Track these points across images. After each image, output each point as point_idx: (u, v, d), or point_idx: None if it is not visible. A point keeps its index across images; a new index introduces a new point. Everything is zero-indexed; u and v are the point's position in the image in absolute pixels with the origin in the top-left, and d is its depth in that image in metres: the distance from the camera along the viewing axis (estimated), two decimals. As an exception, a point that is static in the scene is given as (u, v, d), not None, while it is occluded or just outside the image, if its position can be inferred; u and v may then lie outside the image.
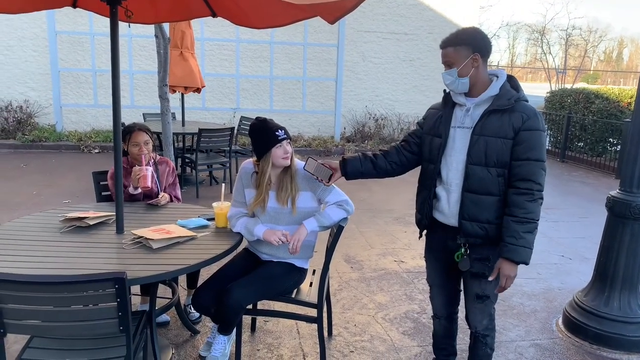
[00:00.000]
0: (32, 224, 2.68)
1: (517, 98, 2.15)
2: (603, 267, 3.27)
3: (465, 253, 2.27)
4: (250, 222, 2.63)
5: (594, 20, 71.00)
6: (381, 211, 6.11)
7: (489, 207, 2.18)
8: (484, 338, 2.44)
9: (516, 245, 2.12)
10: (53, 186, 6.56)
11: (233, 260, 2.79)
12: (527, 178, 2.11)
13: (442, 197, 2.30)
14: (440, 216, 2.34)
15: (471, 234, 2.23)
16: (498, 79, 2.21)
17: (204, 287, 2.59)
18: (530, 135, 2.10)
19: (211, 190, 6.71)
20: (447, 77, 2.20)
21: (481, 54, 2.15)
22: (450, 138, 2.26)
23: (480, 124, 2.16)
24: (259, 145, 2.56)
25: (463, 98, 2.24)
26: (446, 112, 2.30)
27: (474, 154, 2.16)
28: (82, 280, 1.82)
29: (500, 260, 2.18)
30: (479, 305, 2.37)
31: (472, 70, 2.16)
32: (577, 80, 32.75)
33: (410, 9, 11.24)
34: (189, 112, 9.77)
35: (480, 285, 2.32)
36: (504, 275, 2.17)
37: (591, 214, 6.37)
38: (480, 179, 2.17)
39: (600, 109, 9.77)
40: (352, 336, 3.19)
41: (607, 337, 3.15)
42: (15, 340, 2.90)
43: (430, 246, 2.50)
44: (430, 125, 2.37)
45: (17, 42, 9.87)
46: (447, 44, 2.20)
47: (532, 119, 2.11)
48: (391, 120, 11.37)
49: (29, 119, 9.76)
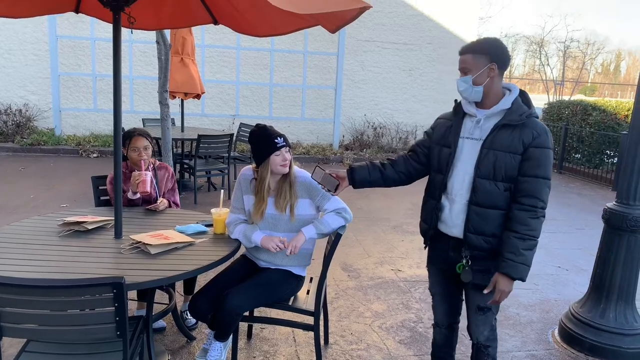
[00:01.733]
0: (30, 228, 2.68)
1: (529, 114, 2.14)
2: (599, 278, 3.28)
3: (467, 265, 2.27)
4: (248, 229, 2.63)
5: (592, 32, 71.46)
6: (379, 219, 6.12)
7: (494, 221, 2.18)
8: (485, 349, 2.44)
9: (515, 261, 2.12)
10: (51, 190, 6.56)
11: (231, 266, 2.79)
12: (532, 195, 2.11)
13: (445, 207, 2.30)
14: (442, 226, 2.33)
15: (476, 247, 2.22)
16: (511, 93, 2.20)
17: (201, 294, 2.59)
18: (539, 152, 2.11)
19: (209, 197, 6.71)
20: (461, 84, 2.19)
21: (499, 65, 2.15)
22: (458, 148, 2.25)
23: (490, 137, 2.15)
24: (258, 152, 2.58)
25: (474, 108, 2.23)
26: (456, 122, 2.29)
27: (482, 167, 2.16)
28: (80, 285, 1.82)
29: (497, 274, 2.17)
30: (481, 316, 2.37)
31: (487, 80, 2.15)
32: (575, 92, 32.94)
33: (410, 19, 11.32)
34: (188, 118, 9.80)
35: (482, 297, 2.31)
36: (499, 290, 2.17)
37: (588, 225, 6.39)
38: (488, 193, 2.16)
39: (598, 121, 9.83)
40: (348, 345, 3.19)
41: (603, 349, 3.15)
42: (11, 344, 2.89)
43: (433, 256, 2.49)
44: (439, 135, 2.35)
45: (18, 45, 9.89)
46: (467, 50, 2.19)
47: (542, 136, 2.11)
48: (390, 129, 11.41)
49: (28, 123, 9.77)
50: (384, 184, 2.49)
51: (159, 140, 6.03)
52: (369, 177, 2.47)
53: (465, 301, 2.44)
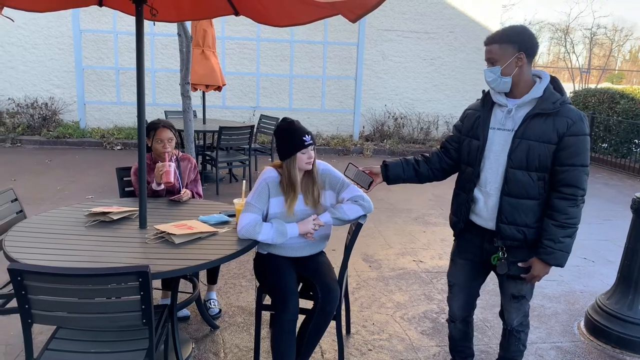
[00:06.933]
0: (58, 218, 2.74)
1: (562, 101, 2.09)
2: (627, 269, 3.21)
3: (503, 257, 2.25)
4: (278, 225, 2.49)
5: (620, 19, 69.39)
6: (400, 211, 6.09)
7: (528, 211, 2.15)
8: (518, 334, 2.44)
9: (553, 249, 2.11)
10: (77, 182, 6.69)
11: (276, 272, 2.60)
12: (572, 184, 2.07)
13: (480, 200, 2.27)
14: (477, 219, 2.31)
15: (509, 237, 2.20)
16: (542, 81, 2.14)
17: (291, 301, 2.47)
18: (575, 140, 2.05)
19: (231, 188, 6.77)
20: (489, 75, 2.14)
21: (527, 53, 2.09)
22: (489, 140, 2.21)
23: (522, 127, 2.11)
24: (284, 148, 2.52)
25: (504, 98, 2.18)
26: (484, 113, 2.25)
27: (515, 157, 2.12)
28: (107, 273, 1.86)
29: (534, 259, 2.16)
30: (515, 304, 2.36)
31: (515, 70, 2.10)
32: (602, 80, 32.08)
33: (432, 7, 11.16)
34: (209, 110, 9.85)
35: (517, 286, 2.31)
36: (533, 275, 2.17)
37: (614, 216, 6.25)
38: (521, 183, 2.13)
39: (626, 109, 9.57)
40: (370, 335, 3.19)
41: (631, 341, 3.09)
42: (40, 332, 2.97)
43: (462, 247, 2.46)
44: (468, 127, 2.32)
45: (43, 40, 10.08)
46: (493, 40, 2.13)
47: (578, 123, 2.06)
48: (411, 119, 11.30)
49: (54, 116, 9.96)
50: (418, 181, 2.48)
51: (181, 132, 6.09)
52: (403, 174, 2.45)
53: (500, 289, 2.42)
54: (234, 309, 3.42)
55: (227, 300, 3.54)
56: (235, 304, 3.50)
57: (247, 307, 3.45)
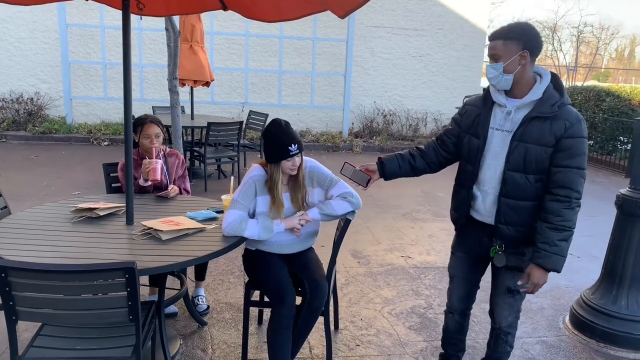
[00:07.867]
0: (43, 214, 2.72)
1: (561, 104, 2.07)
2: (611, 265, 3.26)
3: (500, 249, 2.26)
4: (264, 221, 2.49)
5: (606, 17, 70.09)
6: (389, 207, 6.11)
7: (526, 212, 2.16)
8: (505, 335, 2.43)
9: (549, 252, 2.09)
10: (63, 177, 6.62)
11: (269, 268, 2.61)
12: (566, 186, 2.06)
13: (478, 198, 2.28)
14: (477, 215, 2.32)
15: (507, 237, 2.22)
16: (542, 80, 2.12)
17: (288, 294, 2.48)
18: (572, 142, 2.04)
19: (219, 184, 6.74)
20: (491, 71, 2.11)
21: (531, 51, 2.06)
22: (488, 140, 2.20)
23: (520, 130, 2.10)
24: (269, 153, 2.50)
25: (504, 98, 2.16)
26: (485, 111, 2.23)
27: (512, 160, 2.12)
28: (94, 270, 1.85)
29: (531, 266, 2.15)
30: (509, 299, 2.35)
31: (518, 68, 2.07)
32: (588, 78, 32.45)
33: (420, 5, 11.18)
34: (197, 106, 9.79)
35: (514, 279, 2.28)
36: (534, 283, 2.16)
37: (600, 212, 6.33)
38: (518, 185, 2.13)
39: (611, 107, 9.69)
40: (358, 330, 3.21)
41: (615, 335, 3.14)
42: (26, 329, 2.94)
43: (462, 240, 2.47)
44: (468, 124, 2.30)
45: (28, 34, 9.93)
46: (497, 36, 2.10)
47: (575, 125, 2.05)
48: (400, 116, 11.34)
49: (40, 111, 9.83)
50: (414, 175, 2.48)
51: (169, 128, 6.04)
52: (399, 170, 2.44)
53: (493, 284, 2.41)
54: (222, 306, 3.42)
55: (215, 297, 3.53)
56: (224, 300, 3.49)
57: (235, 304, 3.44)
